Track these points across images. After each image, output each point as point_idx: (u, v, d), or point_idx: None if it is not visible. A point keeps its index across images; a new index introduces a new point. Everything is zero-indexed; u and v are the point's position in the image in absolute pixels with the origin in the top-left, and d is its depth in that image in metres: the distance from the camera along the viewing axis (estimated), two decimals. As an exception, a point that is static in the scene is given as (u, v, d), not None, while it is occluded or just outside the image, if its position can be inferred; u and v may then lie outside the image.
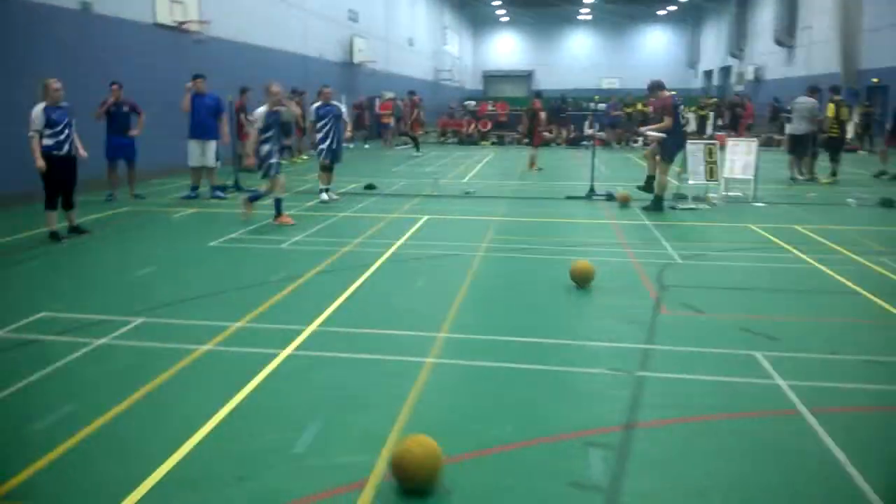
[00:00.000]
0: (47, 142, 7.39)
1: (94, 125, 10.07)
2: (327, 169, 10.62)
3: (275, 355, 4.24)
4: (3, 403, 3.62)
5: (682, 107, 10.13)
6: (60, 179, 7.55)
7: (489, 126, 25.97)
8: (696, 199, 10.53)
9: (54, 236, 7.50)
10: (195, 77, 10.80)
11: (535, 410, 3.60)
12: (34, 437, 3.24)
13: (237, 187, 11.54)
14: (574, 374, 4.08)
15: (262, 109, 8.60)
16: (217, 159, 11.06)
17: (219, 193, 10.89)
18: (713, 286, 6.03)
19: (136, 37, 12.78)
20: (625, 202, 10.41)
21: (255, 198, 8.86)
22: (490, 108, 28.69)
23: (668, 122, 9.67)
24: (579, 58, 51.94)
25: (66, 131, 7.52)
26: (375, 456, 3.07)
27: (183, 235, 8.33)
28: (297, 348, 4.39)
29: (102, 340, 4.49)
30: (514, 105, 29.87)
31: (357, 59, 25.06)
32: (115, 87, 10.33)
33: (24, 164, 7.82)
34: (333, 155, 10.61)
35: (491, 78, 52.56)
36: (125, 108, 10.47)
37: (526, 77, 51.00)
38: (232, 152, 12.25)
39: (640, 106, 23.49)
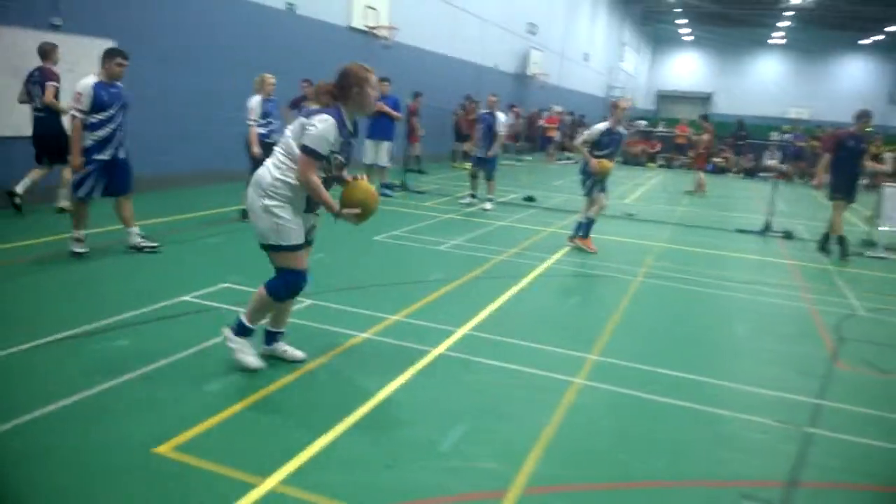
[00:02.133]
0: (261, 130, 8.15)
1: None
2: (474, 176, 11.10)
3: (427, 352, 4.37)
4: (182, 362, 4.01)
5: (861, 144, 9.05)
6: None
7: (658, 147, 25.07)
8: (889, 248, 9.52)
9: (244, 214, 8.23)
10: (381, 80, 11.36)
11: (689, 451, 3.42)
12: (206, 398, 3.56)
13: (403, 187, 12.03)
14: (733, 420, 3.83)
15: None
16: (389, 159, 11.58)
17: (387, 192, 11.40)
18: (901, 346, 5.42)
19: (332, 38, 13.70)
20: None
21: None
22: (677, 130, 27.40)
23: (825, 158, 9.01)
24: (765, 83, 48.74)
25: (275, 122, 8.27)
26: (516, 469, 3.07)
27: (351, 228, 8.78)
28: (449, 348, 4.49)
29: (274, 316, 4.84)
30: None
31: (531, 71, 25.19)
32: (305, 83, 11.08)
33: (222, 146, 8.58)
34: (476, 162, 11.01)
35: (665, 98, 50.75)
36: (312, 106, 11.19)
37: (703, 99, 48.73)
38: (402, 153, 12.76)
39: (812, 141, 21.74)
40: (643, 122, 28.66)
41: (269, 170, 3.73)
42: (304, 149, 3.60)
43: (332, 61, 14.10)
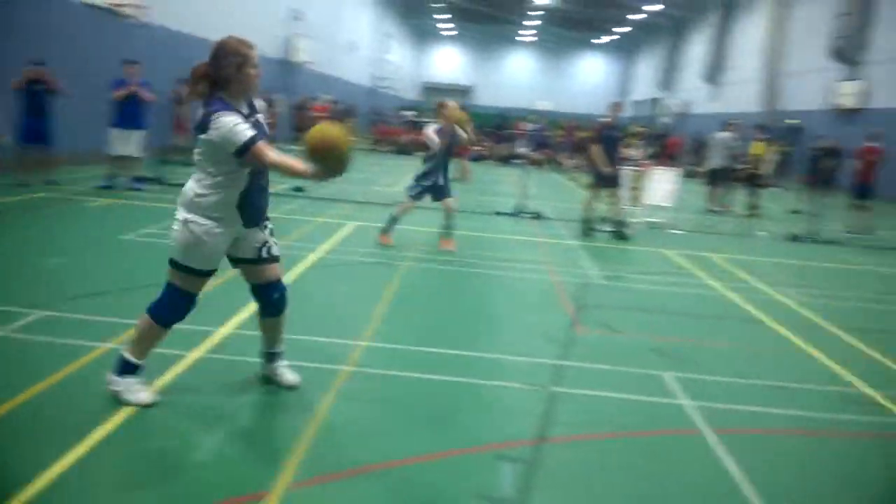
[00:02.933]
0: None
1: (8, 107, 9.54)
2: None
3: (182, 357, 4.08)
4: None
5: (617, 132, 10.18)
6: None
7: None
8: (619, 223, 10.83)
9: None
10: (126, 63, 10.37)
11: (449, 423, 3.59)
12: None
13: (159, 181, 11.13)
14: (489, 388, 4.10)
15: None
16: (140, 150, 10.63)
17: (138, 185, 10.48)
18: (628, 307, 6.21)
19: (63, 16, 12.20)
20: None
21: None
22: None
23: (596, 149, 9.90)
24: (518, 77, 52.93)
25: None
26: (279, 466, 2.99)
27: (96, 226, 7.95)
28: (210, 351, 4.25)
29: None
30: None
31: (297, 58, 24.71)
32: (31, 67, 9.72)
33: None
34: None
35: (431, 89, 52.86)
36: (44, 88, 9.81)
37: (465, 92, 51.53)
38: (159, 143, 11.83)
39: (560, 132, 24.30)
40: (411, 113, 29.61)
41: (192, 185, 3.33)
42: (242, 148, 3.15)
43: (65, 42, 12.54)
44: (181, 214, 3.34)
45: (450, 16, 45.66)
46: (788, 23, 27.10)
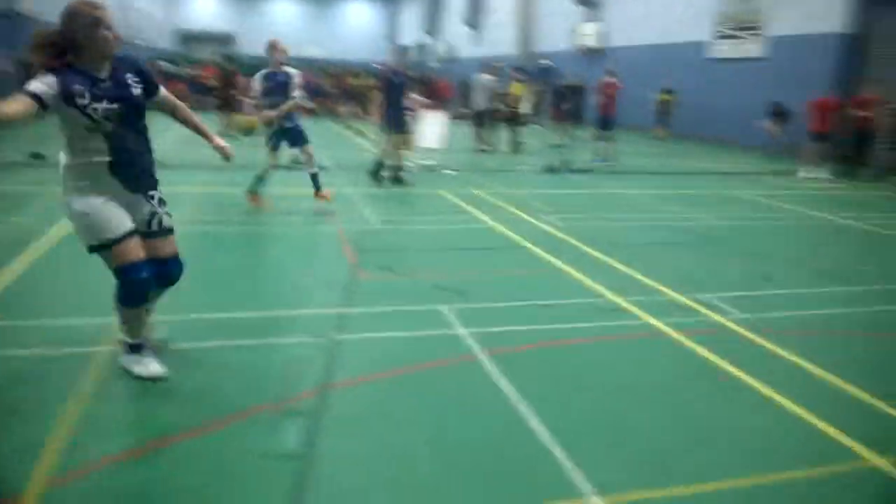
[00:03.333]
0: None
1: None
2: None
3: None
4: None
5: (403, 78, 10.10)
6: None
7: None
8: (396, 168, 11.01)
9: None
10: None
11: (228, 390, 3.44)
12: None
13: None
14: (272, 346, 4.00)
15: None
16: None
17: None
18: (408, 249, 6.38)
19: None
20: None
21: None
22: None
23: (378, 97, 9.86)
24: (282, 24, 50.84)
25: None
26: (33, 464, 2.68)
27: None
28: (-68, 349, 3.64)
29: None
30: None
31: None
32: None
33: None
34: None
35: (188, 38, 48.95)
36: None
37: (225, 40, 48.44)
38: None
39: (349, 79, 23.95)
40: (165, 64, 27.22)
41: (61, 157, 3.22)
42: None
43: None
44: (62, 199, 3.24)
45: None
46: (536, -32, 28.88)
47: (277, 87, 7.56)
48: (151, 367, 3.41)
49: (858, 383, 3.82)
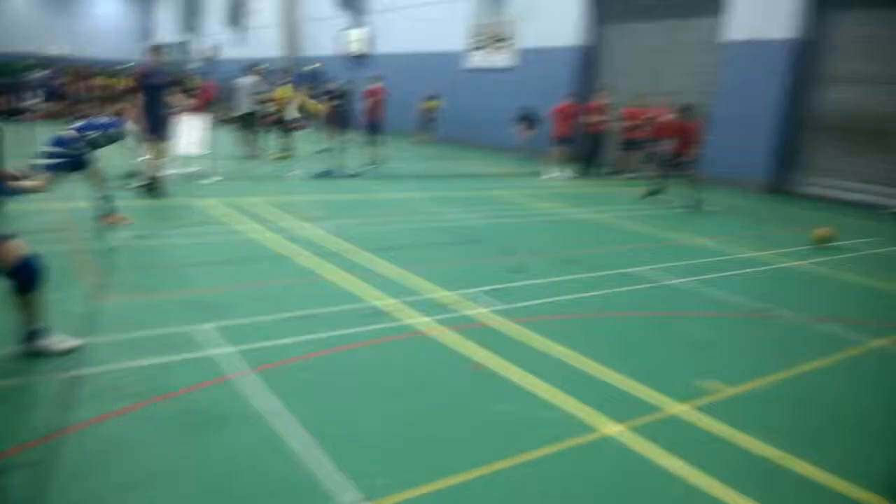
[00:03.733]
0: None
1: None
2: None
3: None
4: None
5: (162, 78, 9.27)
6: None
7: None
8: (152, 177, 10.18)
9: None
10: None
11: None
12: None
13: None
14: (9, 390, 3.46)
15: None
16: None
17: None
18: (164, 265, 5.92)
19: None
20: None
21: None
22: None
23: (139, 99, 8.96)
24: (20, 18, 44.73)
25: None
26: None
27: None
28: None
29: None
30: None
31: None
32: None
33: None
34: None
35: None
36: None
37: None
38: None
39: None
40: None
41: None
42: None
43: None
44: None
45: None
46: (297, -30, 28.54)
47: None
48: (66, 343, 3.88)
49: (601, 360, 4.27)
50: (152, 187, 9.20)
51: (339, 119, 15.18)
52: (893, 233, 9.77)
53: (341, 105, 15.17)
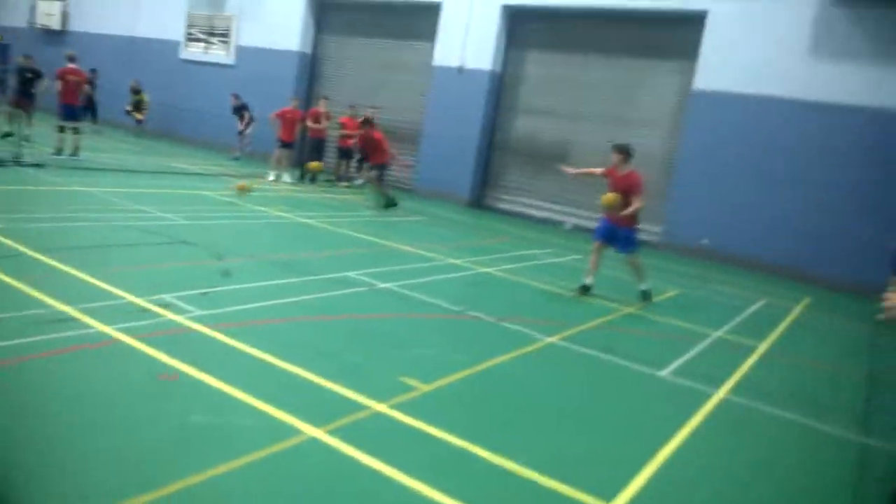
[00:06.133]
0: None
1: None
2: None
3: None
4: None
5: None
6: None
7: None
8: None
9: None
10: None
11: None
12: None
13: None
14: None
15: None
16: None
17: None
18: None
19: None
20: None
21: None
22: None
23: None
24: None
25: None
26: None
27: None
28: None
29: None
30: None
31: None
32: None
33: None
34: None
35: None
36: None
37: None
38: None
39: None
40: None
41: None
42: None
43: None
44: None
45: None
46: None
47: None
48: None
49: (305, 364, 4.27)
50: None
51: (24, 100, 13.20)
52: (568, 245, 11.36)
53: (29, 84, 13.20)
